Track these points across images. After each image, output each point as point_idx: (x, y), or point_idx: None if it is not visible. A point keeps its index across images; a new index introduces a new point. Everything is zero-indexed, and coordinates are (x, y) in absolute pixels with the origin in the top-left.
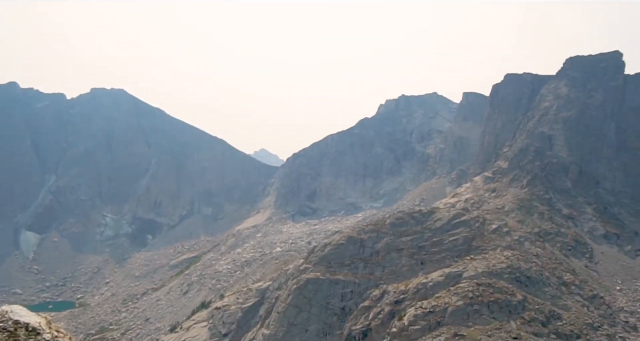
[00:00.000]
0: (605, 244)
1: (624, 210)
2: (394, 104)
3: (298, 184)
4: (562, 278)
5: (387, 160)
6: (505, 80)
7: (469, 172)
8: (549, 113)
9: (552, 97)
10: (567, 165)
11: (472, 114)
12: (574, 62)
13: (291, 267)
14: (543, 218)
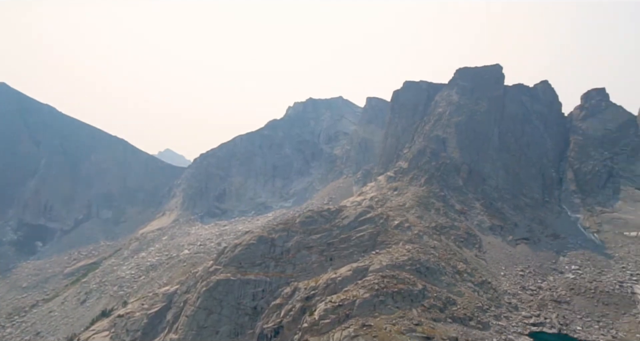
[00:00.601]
0: (492, 235)
1: (506, 205)
2: (302, 106)
3: (206, 185)
4: (456, 267)
5: (296, 161)
6: (404, 86)
7: (373, 171)
8: (442, 118)
9: (445, 103)
10: (459, 165)
11: (375, 118)
12: (462, 72)
13: (200, 269)
14: (439, 214)
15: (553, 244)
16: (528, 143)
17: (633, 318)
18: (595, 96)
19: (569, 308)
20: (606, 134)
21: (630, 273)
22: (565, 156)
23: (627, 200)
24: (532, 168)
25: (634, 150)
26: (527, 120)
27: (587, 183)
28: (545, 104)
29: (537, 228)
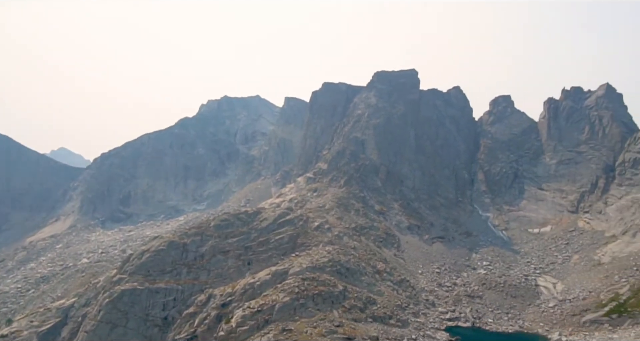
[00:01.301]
0: (409, 234)
1: (423, 205)
2: (217, 105)
3: (109, 187)
4: (376, 267)
5: (210, 161)
6: (323, 88)
7: (293, 173)
8: (361, 120)
9: (363, 105)
10: (378, 167)
11: (294, 118)
12: (380, 76)
13: (102, 279)
14: (359, 215)
15: (466, 242)
16: (442, 145)
17: (537, 308)
18: (502, 102)
19: (481, 302)
20: (512, 138)
21: (534, 267)
22: (476, 158)
23: (530, 199)
24: (446, 169)
25: (536, 153)
26: (441, 123)
27: (495, 184)
28: (458, 109)
29: (451, 227)
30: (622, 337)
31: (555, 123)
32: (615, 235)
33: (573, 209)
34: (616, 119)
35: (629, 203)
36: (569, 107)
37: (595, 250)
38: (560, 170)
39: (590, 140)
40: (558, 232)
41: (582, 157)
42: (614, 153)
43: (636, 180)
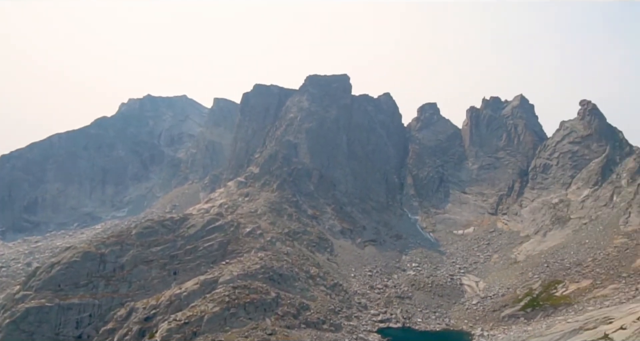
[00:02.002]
0: (342, 238)
1: (355, 209)
2: (139, 104)
3: (10, 193)
4: (309, 272)
5: (131, 164)
6: (255, 90)
7: (223, 177)
8: (294, 124)
9: (296, 109)
10: (310, 171)
11: (224, 120)
12: (312, 80)
13: (2, 297)
14: (292, 219)
15: (397, 244)
16: (373, 150)
17: (462, 306)
18: (428, 110)
19: (411, 303)
20: (438, 144)
21: (459, 267)
22: (405, 163)
23: (455, 203)
24: (377, 173)
25: (459, 159)
26: (372, 128)
27: (423, 188)
28: (388, 115)
29: (382, 230)
30: (535, 329)
31: (477, 130)
32: (529, 234)
33: (493, 211)
34: (529, 128)
35: (540, 205)
36: (488, 116)
37: (512, 249)
38: (481, 175)
39: (507, 146)
40: (480, 233)
41: (500, 163)
42: (527, 159)
43: (546, 184)
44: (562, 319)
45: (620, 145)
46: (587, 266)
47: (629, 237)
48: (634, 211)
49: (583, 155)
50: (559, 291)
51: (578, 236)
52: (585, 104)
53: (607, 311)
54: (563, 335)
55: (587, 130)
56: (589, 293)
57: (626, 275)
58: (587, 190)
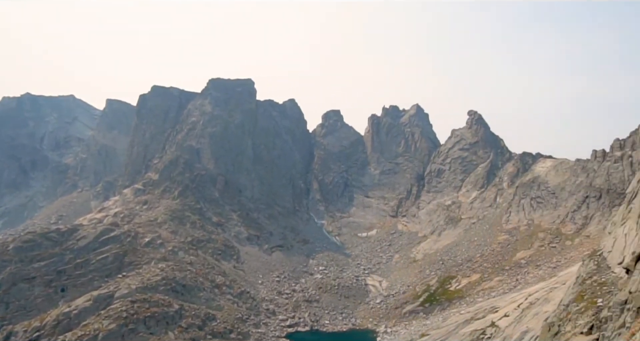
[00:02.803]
0: (249, 245)
1: (262, 215)
2: (16, 103)
3: None
4: (214, 281)
5: (8, 170)
6: (153, 91)
7: (118, 184)
8: (196, 128)
9: (198, 113)
10: (215, 177)
11: (118, 123)
12: (215, 83)
13: None
14: (195, 227)
15: (304, 249)
16: (279, 156)
17: (367, 305)
18: (332, 116)
19: (319, 306)
20: (342, 150)
21: (363, 268)
22: (311, 168)
23: (359, 206)
24: (284, 179)
25: (362, 164)
26: (277, 134)
27: (329, 193)
28: (293, 120)
29: (289, 235)
30: (433, 322)
31: (378, 137)
32: (426, 235)
33: (393, 214)
34: (424, 135)
35: (435, 207)
36: (388, 123)
37: (411, 248)
38: (382, 180)
39: (405, 152)
40: (382, 235)
41: (399, 168)
42: (423, 164)
43: (440, 188)
44: (456, 311)
45: (502, 151)
46: (476, 261)
47: (509, 234)
48: (514, 210)
49: (471, 160)
50: (453, 286)
51: (468, 234)
52: (473, 114)
53: (494, 301)
54: (457, 326)
55: (474, 137)
56: (478, 286)
57: (508, 267)
58: (475, 193)
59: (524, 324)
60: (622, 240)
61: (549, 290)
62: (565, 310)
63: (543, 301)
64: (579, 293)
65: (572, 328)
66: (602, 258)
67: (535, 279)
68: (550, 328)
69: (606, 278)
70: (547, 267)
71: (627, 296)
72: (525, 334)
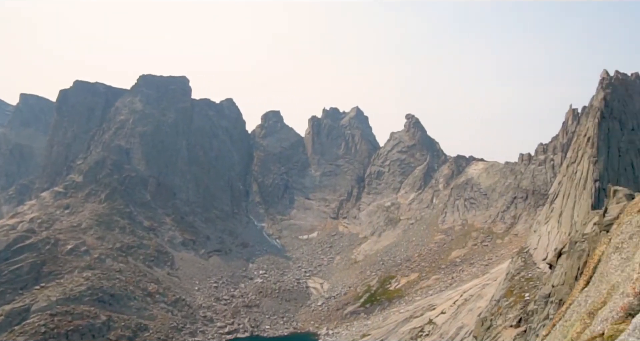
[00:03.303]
0: (184, 250)
1: (198, 218)
2: None
3: None
4: (147, 289)
5: None
6: (75, 87)
7: (34, 186)
8: (125, 127)
9: (127, 111)
10: (146, 179)
11: (35, 120)
12: (147, 80)
13: None
14: (125, 233)
15: (243, 253)
16: (217, 157)
17: (308, 308)
18: (272, 117)
19: (259, 311)
20: (282, 151)
21: (305, 271)
22: (250, 170)
23: (299, 208)
24: (221, 181)
25: (303, 166)
26: (214, 134)
27: (269, 195)
28: (231, 120)
29: (227, 239)
30: (374, 322)
31: (318, 139)
32: (366, 236)
33: (334, 215)
34: (364, 137)
35: (375, 209)
36: (328, 125)
37: (352, 250)
38: (323, 181)
39: (346, 154)
40: (323, 237)
41: (340, 170)
42: (363, 166)
43: (379, 189)
44: (396, 310)
45: (438, 154)
46: (415, 261)
47: (445, 234)
48: (449, 211)
49: (409, 162)
50: (393, 285)
51: (407, 235)
52: (410, 118)
53: (431, 299)
54: (397, 324)
55: (412, 140)
56: (416, 285)
57: (444, 266)
58: (413, 194)
59: (460, 320)
60: (546, 237)
61: (482, 286)
62: (496, 305)
63: (477, 297)
64: (508, 289)
65: (502, 322)
66: (529, 255)
67: (469, 276)
68: (483, 323)
69: (532, 273)
70: (480, 265)
71: (551, 289)
72: (461, 329)
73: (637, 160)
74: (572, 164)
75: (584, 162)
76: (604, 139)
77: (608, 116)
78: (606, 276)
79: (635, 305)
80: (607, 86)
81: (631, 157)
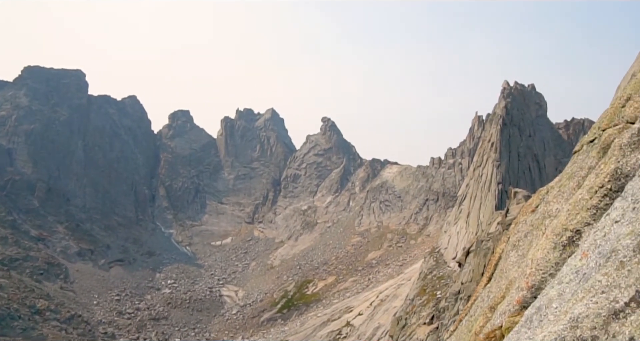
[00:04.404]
0: (80, 261)
1: (96, 226)
2: None
3: None
4: (35, 306)
5: None
6: None
7: None
8: (7, 124)
9: (10, 106)
10: (34, 183)
11: None
12: (34, 72)
13: None
14: (7, 243)
15: (149, 262)
16: (118, 158)
17: (222, 318)
18: (181, 117)
19: (167, 323)
20: (192, 153)
21: (218, 278)
22: (157, 173)
23: (212, 213)
24: (124, 185)
25: (215, 168)
26: (115, 134)
27: (177, 199)
28: (134, 120)
29: (131, 247)
30: (291, 328)
31: (232, 140)
32: (283, 240)
33: (250, 220)
34: (280, 140)
35: (292, 212)
36: (242, 127)
37: (268, 255)
38: (237, 185)
39: (261, 157)
40: (238, 242)
41: (255, 173)
42: (279, 169)
43: (296, 193)
44: (314, 314)
45: (354, 157)
46: (332, 264)
47: (362, 236)
48: (365, 213)
49: (326, 166)
50: (310, 289)
51: (324, 238)
52: (326, 121)
53: (348, 301)
54: (314, 328)
55: (328, 143)
56: (334, 288)
57: (361, 268)
58: (330, 197)
59: (376, 320)
60: (455, 237)
61: (397, 286)
62: (410, 304)
63: (392, 297)
64: (421, 288)
65: (416, 320)
66: (440, 255)
67: (385, 277)
68: (399, 322)
69: (443, 272)
70: (395, 265)
71: (460, 287)
72: (378, 330)
73: (533, 164)
74: (478, 168)
75: (488, 165)
76: (505, 144)
77: (509, 123)
78: (505, 273)
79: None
80: (507, 95)
81: (529, 161)
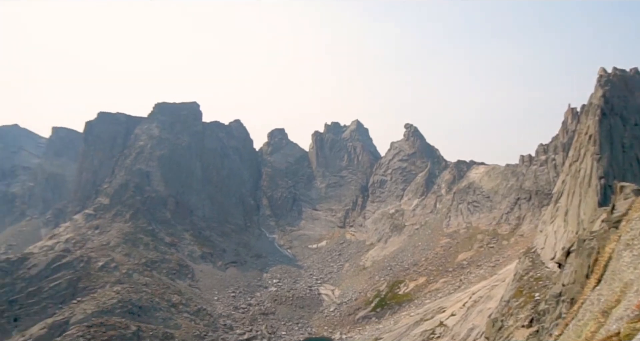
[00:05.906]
0: (203, 263)
1: (214, 233)
2: None
3: None
4: (170, 300)
5: None
6: (99, 118)
7: (68, 210)
8: (144, 152)
9: (146, 137)
10: (165, 198)
11: (66, 150)
12: (161, 107)
13: None
14: (148, 249)
15: (257, 263)
16: (228, 175)
17: (321, 314)
18: (277, 135)
19: (275, 317)
20: (288, 166)
21: (316, 278)
22: (260, 185)
23: (308, 219)
24: (233, 197)
25: (308, 179)
26: (225, 154)
27: (278, 208)
28: (239, 140)
29: (242, 251)
30: (385, 326)
31: (322, 152)
32: (373, 242)
33: (341, 224)
34: (365, 149)
35: (380, 216)
36: (331, 139)
37: (360, 256)
38: (329, 193)
39: (349, 166)
40: (332, 245)
41: (344, 181)
42: (366, 176)
43: (383, 197)
44: (406, 314)
45: (438, 160)
46: (422, 265)
47: (451, 237)
48: (453, 215)
49: (410, 170)
50: (402, 289)
51: (412, 240)
52: (409, 127)
53: (440, 302)
54: (408, 327)
55: (412, 149)
56: (425, 289)
57: (452, 269)
58: (416, 200)
59: (470, 321)
60: (553, 237)
61: (491, 287)
62: (506, 306)
63: (486, 298)
64: (517, 289)
65: (514, 322)
66: (536, 255)
67: (477, 278)
68: (494, 324)
69: (541, 273)
70: (487, 266)
71: (561, 288)
72: (472, 331)
73: None
74: (575, 163)
75: (587, 159)
76: (606, 136)
77: (609, 113)
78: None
79: None
80: (605, 83)
81: (636, 152)
